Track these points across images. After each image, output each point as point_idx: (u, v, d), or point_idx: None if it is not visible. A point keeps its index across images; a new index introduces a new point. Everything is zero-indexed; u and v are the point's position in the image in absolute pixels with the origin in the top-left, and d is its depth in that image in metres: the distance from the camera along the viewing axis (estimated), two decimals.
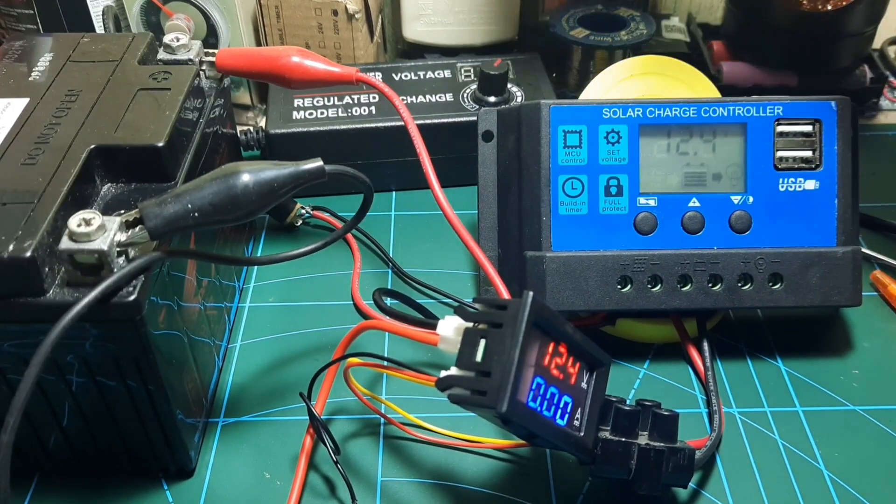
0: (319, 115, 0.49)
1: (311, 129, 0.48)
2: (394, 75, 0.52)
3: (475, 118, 0.41)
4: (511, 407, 0.27)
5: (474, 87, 0.50)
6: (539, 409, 0.29)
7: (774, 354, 0.41)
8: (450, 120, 0.49)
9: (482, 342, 0.29)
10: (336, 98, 0.50)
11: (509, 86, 0.50)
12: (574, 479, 0.35)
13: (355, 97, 0.50)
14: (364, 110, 0.49)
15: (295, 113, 0.49)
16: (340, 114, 0.49)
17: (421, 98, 0.50)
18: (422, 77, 0.52)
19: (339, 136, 0.49)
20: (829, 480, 0.35)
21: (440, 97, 0.50)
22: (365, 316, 0.43)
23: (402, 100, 0.46)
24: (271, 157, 0.49)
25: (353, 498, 0.34)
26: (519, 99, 0.51)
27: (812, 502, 0.34)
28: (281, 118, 0.49)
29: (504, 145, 0.40)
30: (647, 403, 0.32)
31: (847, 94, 0.39)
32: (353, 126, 0.48)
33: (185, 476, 0.35)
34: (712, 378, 0.38)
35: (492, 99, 0.49)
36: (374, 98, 0.50)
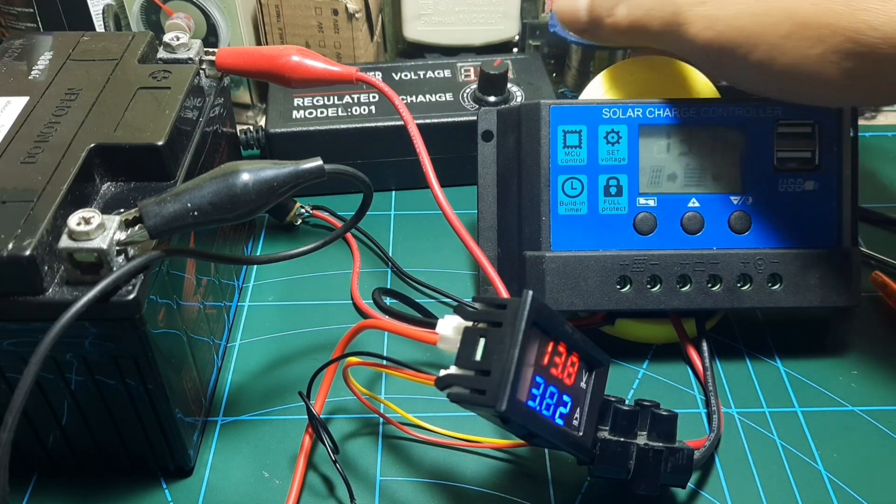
0: (319, 115, 0.49)
1: (311, 128, 0.48)
2: (394, 75, 0.52)
3: (475, 118, 0.41)
4: (510, 406, 0.27)
5: (474, 86, 0.50)
6: (538, 408, 0.29)
7: (773, 355, 0.41)
8: (450, 119, 0.49)
9: (482, 341, 0.29)
10: (336, 97, 0.50)
11: (509, 86, 0.50)
12: (573, 479, 0.35)
13: (355, 97, 0.50)
14: (364, 110, 0.49)
15: (295, 112, 0.49)
16: (340, 113, 0.49)
17: (421, 98, 0.50)
18: (422, 77, 0.52)
19: (338, 135, 0.49)
20: (827, 481, 0.35)
21: (440, 97, 0.50)
22: (364, 315, 0.43)
23: (402, 99, 0.46)
24: (271, 156, 0.49)
25: (352, 497, 0.34)
26: (519, 99, 0.51)
27: (811, 503, 0.34)
28: (281, 117, 0.49)
29: (504, 145, 0.40)
30: (645, 403, 0.32)
31: None
32: (353, 125, 0.48)
33: (183, 475, 0.35)
34: (711, 378, 0.38)
35: (492, 99, 0.49)
36: (373, 98, 0.50)
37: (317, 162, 0.29)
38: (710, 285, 0.38)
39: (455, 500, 0.35)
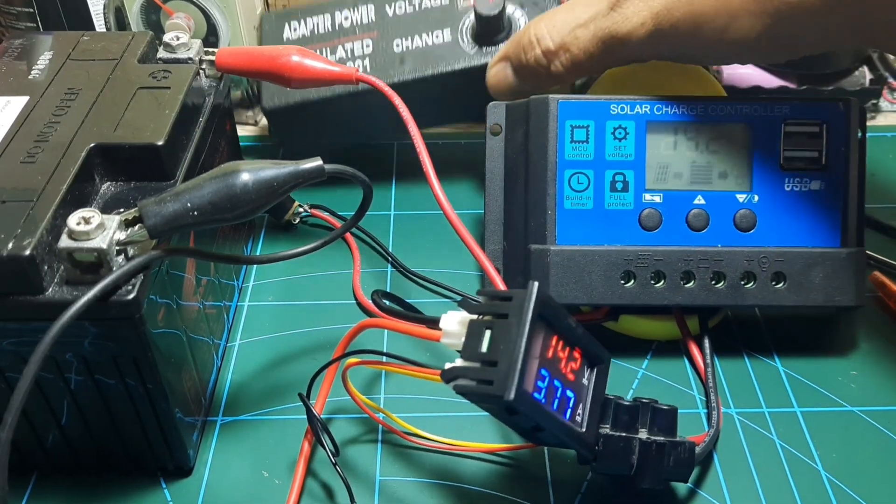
0: None
1: (307, 98, 0.46)
2: (387, 7, 0.49)
3: (477, 63, 0.41)
4: (518, 396, 0.27)
5: (473, 17, 0.47)
6: (544, 401, 0.29)
7: (772, 355, 0.41)
8: (449, 69, 0.46)
9: (487, 333, 0.29)
10: (328, 50, 0.48)
11: (510, 10, 0.47)
12: (572, 480, 0.35)
13: (348, 47, 0.48)
14: (359, 66, 0.47)
15: None
16: None
17: (417, 41, 0.47)
18: (417, 8, 0.49)
19: (335, 102, 0.46)
20: (826, 481, 0.35)
21: (437, 36, 0.47)
22: (367, 312, 0.43)
23: (398, 44, 0.44)
24: (271, 130, 0.49)
25: (352, 498, 0.34)
26: (522, 24, 0.47)
27: (810, 503, 0.34)
28: (277, 90, 0.47)
29: (512, 139, 0.40)
30: (644, 401, 0.32)
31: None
32: (349, 90, 0.46)
33: (183, 475, 0.35)
34: (712, 375, 0.38)
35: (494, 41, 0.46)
36: (367, 47, 0.48)
37: (316, 162, 0.29)
38: (713, 282, 0.38)
39: (455, 500, 0.35)
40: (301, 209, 0.48)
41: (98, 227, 0.28)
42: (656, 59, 0.38)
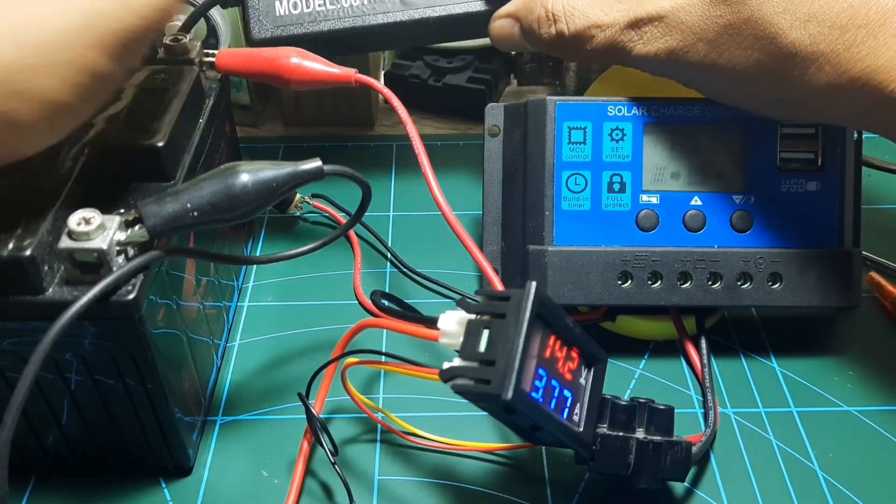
0: (305, 8, 0.44)
1: (298, 31, 0.44)
2: None
3: (482, 9, 0.40)
4: (516, 394, 0.27)
5: None
6: (541, 400, 0.29)
7: (769, 355, 0.41)
8: (453, 12, 0.43)
9: (485, 332, 0.29)
10: None
11: None
12: (570, 480, 0.35)
13: None
14: None
15: (278, 6, 0.44)
16: (329, 4, 0.44)
17: None
18: None
19: (328, 37, 0.44)
20: (823, 481, 0.35)
21: None
22: (367, 311, 0.43)
23: None
24: None
25: (351, 497, 0.34)
26: None
27: (806, 503, 0.35)
28: (264, 17, 0.44)
29: (510, 140, 0.40)
30: (641, 400, 0.33)
31: None
32: (344, 26, 0.44)
33: (183, 474, 0.36)
34: (708, 375, 0.38)
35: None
36: None
37: (316, 163, 0.30)
38: (710, 283, 0.38)
39: (453, 500, 0.35)
40: (304, 200, 0.48)
41: (98, 228, 0.28)
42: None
